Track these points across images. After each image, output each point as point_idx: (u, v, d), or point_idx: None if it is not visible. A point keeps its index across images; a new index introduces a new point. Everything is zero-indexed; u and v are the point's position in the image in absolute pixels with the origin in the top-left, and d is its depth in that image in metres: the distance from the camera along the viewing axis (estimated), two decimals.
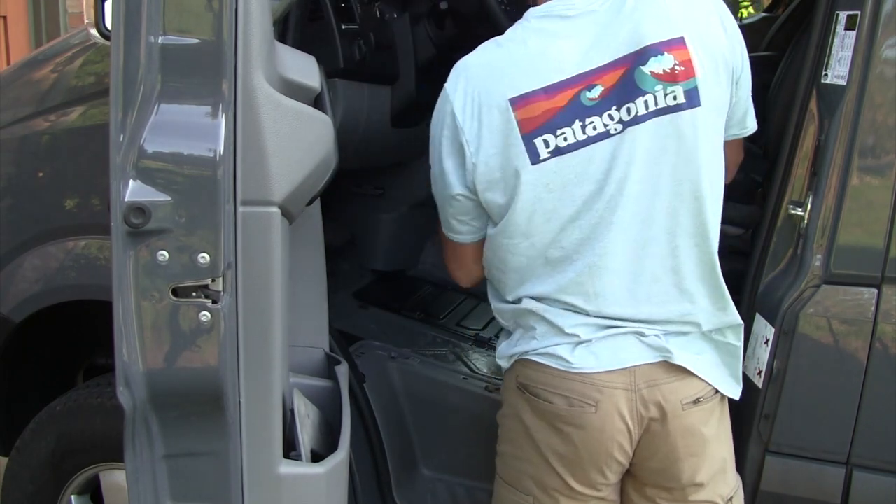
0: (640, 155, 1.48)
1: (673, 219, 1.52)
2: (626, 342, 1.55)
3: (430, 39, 2.49)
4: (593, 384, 1.53)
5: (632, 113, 1.47)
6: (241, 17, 1.31)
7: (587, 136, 1.47)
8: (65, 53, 2.36)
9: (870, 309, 1.75)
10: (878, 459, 1.79)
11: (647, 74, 1.46)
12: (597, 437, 1.54)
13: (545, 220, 1.52)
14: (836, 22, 1.78)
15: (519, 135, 1.48)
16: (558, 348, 1.56)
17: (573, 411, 1.54)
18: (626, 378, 1.53)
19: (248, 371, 1.40)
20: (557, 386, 1.56)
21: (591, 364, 1.54)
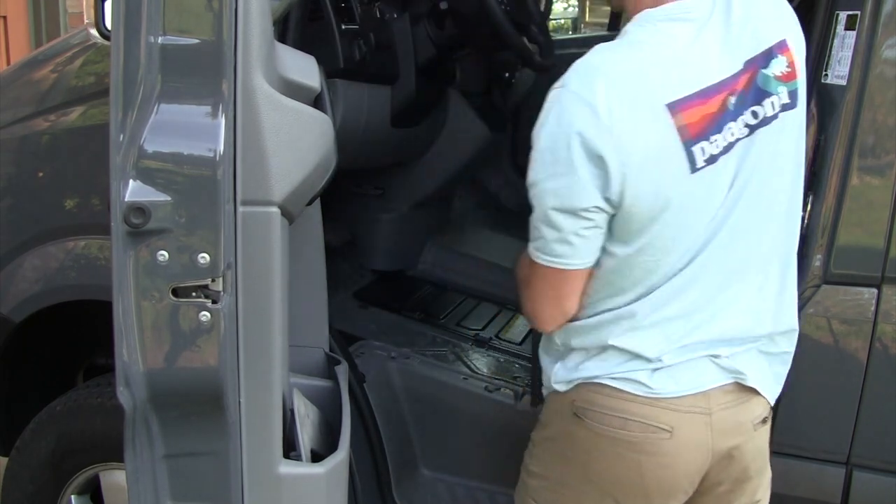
0: (762, 160, 1.43)
1: (770, 228, 1.48)
2: (703, 365, 1.48)
3: (430, 39, 2.49)
4: (670, 409, 1.46)
5: (758, 116, 1.42)
6: (241, 17, 1.31)
7: (727, 143, 1.39)
8: (65, 53, 2.36)
9: (870, 309, 1.75)
10: (878, 459, 1.79)
11: (771, 76, 1.43)
12: (669, 463, 1.47)
13: (685, 232, 1.42)
14: (836, 22, 1.78)
15: (679, 142, 1.36)
16: (638, 373, 1.46)
17: (647, 437, 1.46)
18: (703, 402, 1.47)
19: (248, 371, 1.40)
20: (632, 412, 1.46)
21: (671, 388, 1.46)
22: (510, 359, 2.42)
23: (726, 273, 1.46)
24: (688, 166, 1.36)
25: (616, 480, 1.50)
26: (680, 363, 1.47)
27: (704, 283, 1.45)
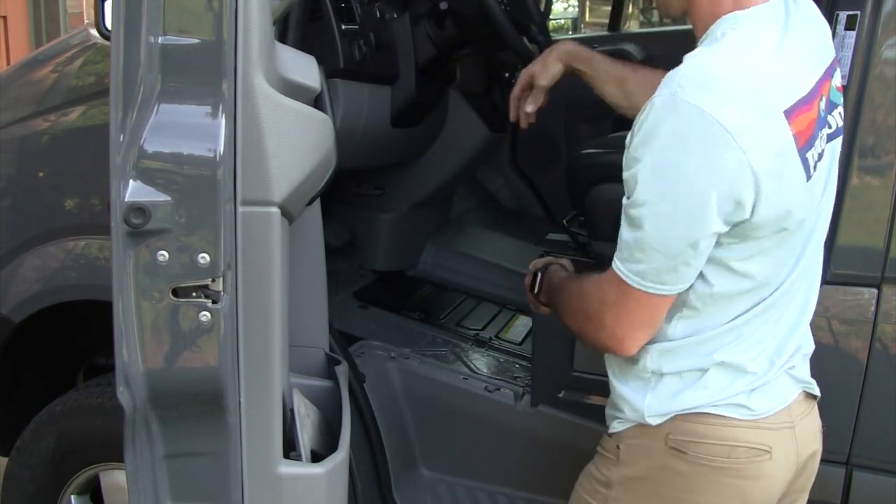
0: (832, 170, 1.41)
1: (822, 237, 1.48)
2: (784, 379, 1.45)
3: (430, 39, 2.49)
4: (767, 428, 1.41)
5: (832, 126, 1.38)
6: (241, 17, 1.31)
7: (821, 150, 1.34)
8: (65, 53, 2.36)
9: (870, 309, 1.75)
10: (878, 459, 1.79)
11: (835, 88, 1.40)
12: (769, 484, 1.43)
13: (798, 241, 1.38)
14: (836, 22, 1.78)
15: (795, 150, 1.27)
16: (739, 396, 1.39)
17: (752, 462, 1.40)
18: (787, 417, 1.44)
19: (248, 371, 1.40)
20: (737, 438, 1.40)
21: (766, 407, 1.42)
22: (510, 359, 2.42)
23: (808, 282, 1.45)
24: (804, 175, 1.29)
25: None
26: (770, 380, 1.43)
27: (793, 293, 1.42)
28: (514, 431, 2.17)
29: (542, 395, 2.12)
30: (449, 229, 3.10)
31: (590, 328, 1.41)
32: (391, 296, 2.72)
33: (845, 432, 1.78)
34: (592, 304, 1.40)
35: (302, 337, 1.82)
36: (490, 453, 2.21)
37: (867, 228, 1.75)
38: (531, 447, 2.15)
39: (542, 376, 2.12)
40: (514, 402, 2.17)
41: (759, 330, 1.39)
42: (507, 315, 2.72)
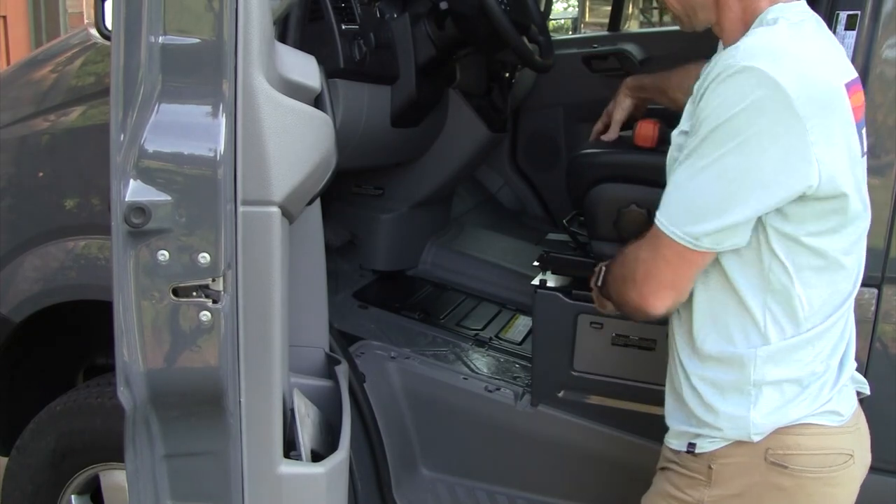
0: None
1: None
2: (849, 382, 1.48)
3: (430, 39, 2.48)
4: (849, 433, 1.43)
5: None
6: (241, 17, 1.31)
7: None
8: (65, 53, 2.36)
9: (870, 309, 1.75)
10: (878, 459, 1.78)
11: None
12: (855, 489, 1.45)
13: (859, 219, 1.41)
14: (836, 22, 1.78)
15: (853, 123, 1.33)
16: (832, 402, 1.39)
17: (843, 468, 1.41)
18: (856, 419, 1.46)
19: (248, 371, 1.40)
20: (832, 445, 1.40)
21: (847, 411, 1.43)
22: (510, 359, 2.42)
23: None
24: (860, 149, 1.34)
25: None
26: (847, 382, 1.45)
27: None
28: (514, 431, 2.17)
29: (542, 395, 2.12)
30: (449, 229, 3.10)
31: (625, 289, 1.41)
32: (391, 296, 2.72)
33: None
34: (629, 265, 1.41)
35: (302, 337, 1.82)
36: (490, 453, 2.21)
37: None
38: (531, 447, 2.15)
39: (542, 376, 2.12)
40: (514, 402, 2.17)
41: (840, 330, 1.42)
42: (507, 315, 2.72)
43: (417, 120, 2.61)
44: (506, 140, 3.34)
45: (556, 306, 2.05)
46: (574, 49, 3.40)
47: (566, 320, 2.04)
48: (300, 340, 1.81)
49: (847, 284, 1.41)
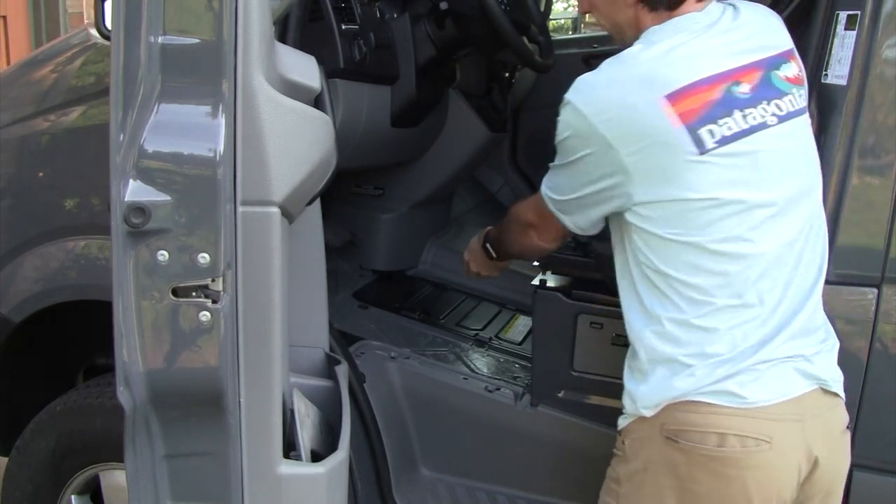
0: (791, 151, 1.51)
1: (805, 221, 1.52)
2: (784, 370, 1.46)
3: (430, 39, 2.48)
4: (765, 419, 1.43)
5: (783, 109, 1.48)
6: (241, 17, 1.31)
7: (749, 126, 1.45)
8: (65, 53, 2.36)
9: (870, 309, 1.75)
10: (878, 459, 1.79)
11: (782, 78, 1.50)
12: (774, 476, 1.44)
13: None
14: (836, 22, 1.78)
15: (672, 128, 1.43)
16: (726, 383, 1.43)
17: (748, 451, 1.43)
18: (795, 409, 1.45)
19: (248, 371, 1.40)
20: (729, 426, 1.43)
21: (763, 397, 1.44)
22: (510, 359, 2.42)
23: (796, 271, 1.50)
24: (695, 148, 1.40)
25: (720, 501, 1.45)
26: (764, 370, 1.45)
27: (771, 284, 1.47)
28: (514, 431, 2.17)
29: (542, 395, 2.13)
30: (449, 229, 3.10)
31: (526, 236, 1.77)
32: (391, 296, 2.72)
33: None
34: (526, 216, 1.78)
35: (302, 337, 1.82)
36: (490, 453, 2.21)
37: (867, 228, 1.75)
38: (531, 447, 2.15)
39: (542, 376, 2.12)
40: (514, 402, 2.17)
41: (735, 319, 1.44)
42: (507, 315, 2.72)
43: (417, 120, 2.61)
44: (506, 140, 3.34)
45: (556, 306, 2.05)
46: (574, 49, 3.40)
47: (566, 320, 2.04)
48: (300, 340, 1.81)
49: (754, 271, 1.44)
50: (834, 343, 1.58)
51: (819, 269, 1.56)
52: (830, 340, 1.57)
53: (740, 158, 1.42)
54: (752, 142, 1.43)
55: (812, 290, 1.53)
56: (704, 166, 1.40)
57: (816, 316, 1.55)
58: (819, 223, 1.57)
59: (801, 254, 1.50)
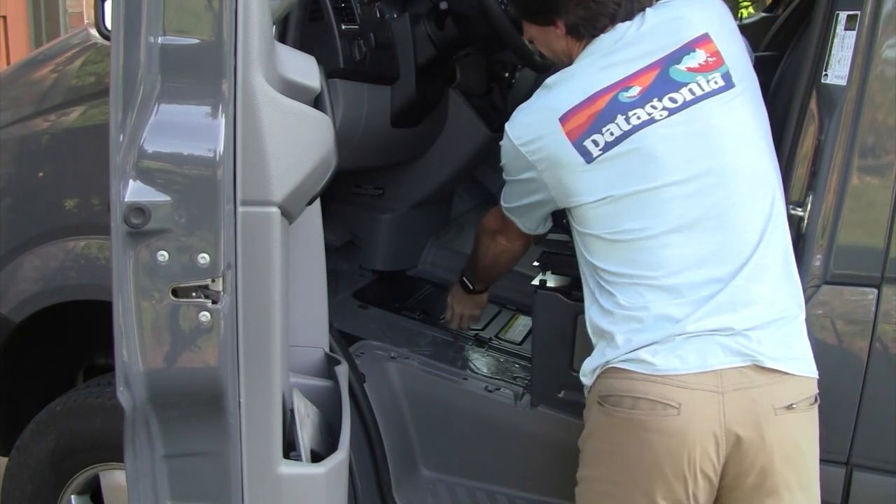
0: (692, 135, 1.59)
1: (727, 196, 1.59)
2: (705, 343, 1.54)
3: (430, 39, 2.48)
4: (677, 386, 1.52)
5: (678, 101, 1.60)
6: (241, 17, 1.31)
7: (632, 126, 1.60)
8: (65, 53, 2.36)
9: (870, 309, 1.75)
10: (878, 459, 1.79)
11: (683, 70, 1.62)
12: (679, 442, 1.51)
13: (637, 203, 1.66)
14: (836, 22, 1.78)
15: (569, 143, 1.64)
16: (641, 352, 1.55)
17: (656, 414, 1.52)
18: (712, 381, 1.52)
19: (248, 371, 1.40)
20: (641, 390, 1.54)
21: (675, 366, 1.53)
22: (510, 359, 2.43)
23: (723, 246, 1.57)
24: (581, 159, 1.61)
25: (637, 464, 1.55)
26: (681, 342, 1.53)
27: (686, 258, 1.57)
28: (514, 431, 2.17)
29: (542, 395, 2.12)
30: (449, 229, 3.10)
31: (495, 242, 2.04)
32: (391, 296, 2.72)
33: (845, 432, 1.78)
34: (495, 223, 2.00)
35: (302, 337, 1.82)
36: (490, 453, 2.21)
37: (867, 228, 1.75)
38: (531, 447, 2.15)
39: (542, 376, 2.12)
40: (514, 402, 2.17)
41: (650, 295, 1.57)
42: (507, 315, 2.72)
43: (417, 120, 2.61)
44: None
45: (556, 306, 2.05)
46: None
47: (566, 320, 2.04)
48: (300, 340, 1.81)
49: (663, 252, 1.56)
50: (791, 318, 1.59)
51: (759, 242, 1.58)
52: (785, 316, 1.58)
53: (628, 156, 1.58)
54: (638, 139, 1.58)
55: (746, 263, 1.56)
56: (593, 173, 1.60)
57: (756, 290, 1.57)
58: (755, 196, 1.60)
59: (725, 228, 1.57)
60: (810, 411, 1.59)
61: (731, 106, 1.62)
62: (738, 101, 1.63)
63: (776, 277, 1.60)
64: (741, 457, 1.53)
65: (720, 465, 1.53)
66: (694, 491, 1.53)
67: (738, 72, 1.65)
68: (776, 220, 1.62)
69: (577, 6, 1.66)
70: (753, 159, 1.63)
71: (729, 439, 1.52)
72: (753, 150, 1.63)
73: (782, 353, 1.55)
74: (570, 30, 1.69)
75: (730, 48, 1.66)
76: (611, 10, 1.66)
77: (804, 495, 1.58)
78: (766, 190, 1.62)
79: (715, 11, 1.70)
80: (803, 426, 1.58)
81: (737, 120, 1.63)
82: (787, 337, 1.58)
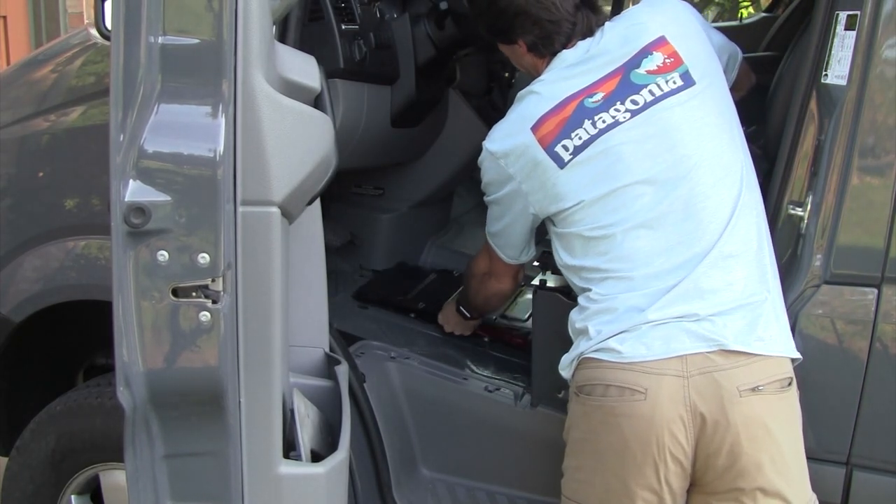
0: (654, 135, 1.67)
1: (693, 189, 1.65)
2: (670, 329, 1.59)
3: (430, 39, 2.48)
4: (642, 372, 1.57)
5: (639, 102, 1.69)
6: (241, 17, 1.31)
7: (598, 130, 1.69)
8: (65, 53, 2.36)
9: (870, 309, 1.75)
10: (878, 459, 1.79)
11: (643, 73, 1.71)
12: (646, 426, 1.56)
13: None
14: (836, 22, 1.78)
15: (541, 149, 1.72)
16: (610, 341, 1.61)
17: (624, 399, 1.58)
18: (677, 366, 1.57)
19: (248, 371, 1.40)
20: (610, 378, 1.60)
21: (641, 352, 1.59)
22: (510, 359, 2.42)
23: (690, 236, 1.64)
24: (554, 164, 1.70)
25: (608, 450, 1.61)
26: (647, 330, 1.59)
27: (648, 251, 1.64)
28: (514, 431, 2.17)
29: (542, 395, 2.12)
30: (449, 229, 3.09)
31: (486, 285, 2.06)
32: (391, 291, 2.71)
33: (845, 432, 1.78)
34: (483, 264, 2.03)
35: (302, 337, 1.82)
36: (490, 453, 2.21)
37: (867, 228, 1.75)
38: (531, 447, 2.15)
39: (542, 376, 2.12)
40: (514, 402, 2.17)
41: (618, 287, 1.64)
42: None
43: (417, 120, 2.61)
44: None
45: (556, 306, 2.05)
46: None
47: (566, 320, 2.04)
48: (300, 340, 1.81)
49: (631, 245, 1.64)
50: (760, 303, 1.61)
51: (724, 230, 1.63)
52: (753, 301, 1.61)
53: (597, 159, 1.67)
54: (604, 142, 1.67)
55: (709, 251, 1.61)
56: (567, 177, 1.69)
57: (721, 277, 1.61)
58: (719, 186, 1.65)
59: (691, 220, 1.63)
60: (782, 394, 1.60)
61: (691, 104, 1.69)
62: (698, 99, 1.70)
63: (745, 264, 1.63)
64: (708, 439, 1.56)
65: (690, 449, 1.57)
66: (665, 475, 1.57)
67: (699, 69, 1.72)
68: (745, 207, 1.66)
69: (534, 26, 1.78)
70: (716, 151, 1.68)
71: (695, 421, 1.56)
72: (716, 141, 1.69)
73: (747, 336, 1.58)
74: (531, 48, 1.82)
75: (688, 48, 1.74)
76: (566, 30, 1.78)
77: (781, 478, 1.57)
78: (733, 179, 1.67)
79: (672, 14, 1.79)
80: (773, 408, 1.59)
81: (697, 116, 1.69)
82: (755, 319, 1.60)
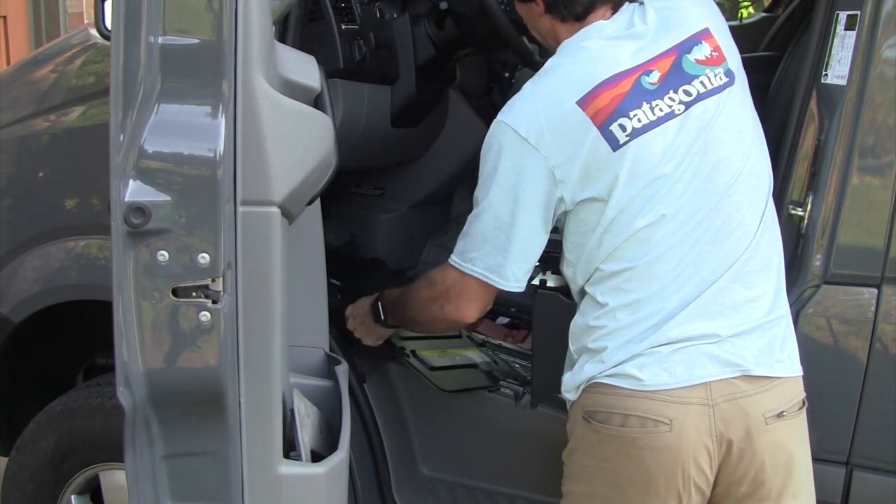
0: (706, 131, 1.56)
1: (721, 196, 1.55)
2: (691, 354, 1.50)
3: (430, 39, 2.48)
4: (666, 401, 1.49)
5: (692, 94, 1.56)
6: (241, 17, 1.31)
7: (657, 117, 1.54)
8: (65, 53, 2.36)
9: (870, 309, 1.75)
10: (878, 459, 1.79)
11: (693, 61, 1.59)
12: (673, 458, 1.49)
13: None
14: (836, 22, 1.78)
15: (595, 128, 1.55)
16: (626, 366, 1.51)
17: (647, 432, 1.49)
18: (702, 394, 1.49)
19: (248, 371, 1.40)
20: (630, 407, 1.50)
21: (663, 380, 1.49)
22: (510, 359, 2.42)
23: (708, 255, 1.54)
24: (608, 146, 1.52)
25: (628, 481, 1.51)
26: (667, 354, 1.49)
27: (677, 268, 1.53)
28: (514, 431, 2.17)
29: (542, 395, 2.12)
30: (449, 229, 3.09)
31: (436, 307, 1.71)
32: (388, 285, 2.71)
33: (845, 432, 1.78)
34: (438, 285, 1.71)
35: (302, 337, 1.82)
36: (490, 453, 2.21)
37: (867, 228, 1.75)
38: (531, 447, 2.15)
39: (542, 376, 2.12)
40: (514, 402, 2.17)
41: (634, 304, 1.53)
42: None
43: (417, 120, 2.61)
44: None
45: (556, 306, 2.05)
46: None
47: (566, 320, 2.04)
48: (300, 340, 1.81)
49: (650, 258, 1.52)
50: (776, 320, 1.57)
51: (749, 244, 1.55)
52: (771, 319, 1.56)
53: (647, 147, 1.51)
54: (659, 133, 1.52)
55: (732, 265, 1.53)
56: (617, 160, 1.51)
57: (743, 293, 1.54)
58: (753, 196, 1.58)
59: (714, 229, 1.53)
60: (800, 414, 1.58)
61: (733, 104, 1.59)
62: (738, 99, 1.61)
63: (766, 279, 1.57)
64: (733, 467, 1.51)
65: (712, 476, 1.52)
66: (684, 501, 1.51)
67: (735, 68, 1.63)
68: (768, 219, 1.60)
69: None
70: (753, 158, 1.59)
71: (720, 450, 1.50)
72: (751, 149, 1.60)
73: (768, 358, 1.54)
74: (549, 7, 1.64)
75: (727, 45, 1.65)
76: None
77: (796, 501, 1.57)
78: (763, 191, 1.61)
79: (709, 8, 1.69)
80: (794, 432, 1.57)
81: (739, 118, 1.60)
82: (773, 339, 1.56)
